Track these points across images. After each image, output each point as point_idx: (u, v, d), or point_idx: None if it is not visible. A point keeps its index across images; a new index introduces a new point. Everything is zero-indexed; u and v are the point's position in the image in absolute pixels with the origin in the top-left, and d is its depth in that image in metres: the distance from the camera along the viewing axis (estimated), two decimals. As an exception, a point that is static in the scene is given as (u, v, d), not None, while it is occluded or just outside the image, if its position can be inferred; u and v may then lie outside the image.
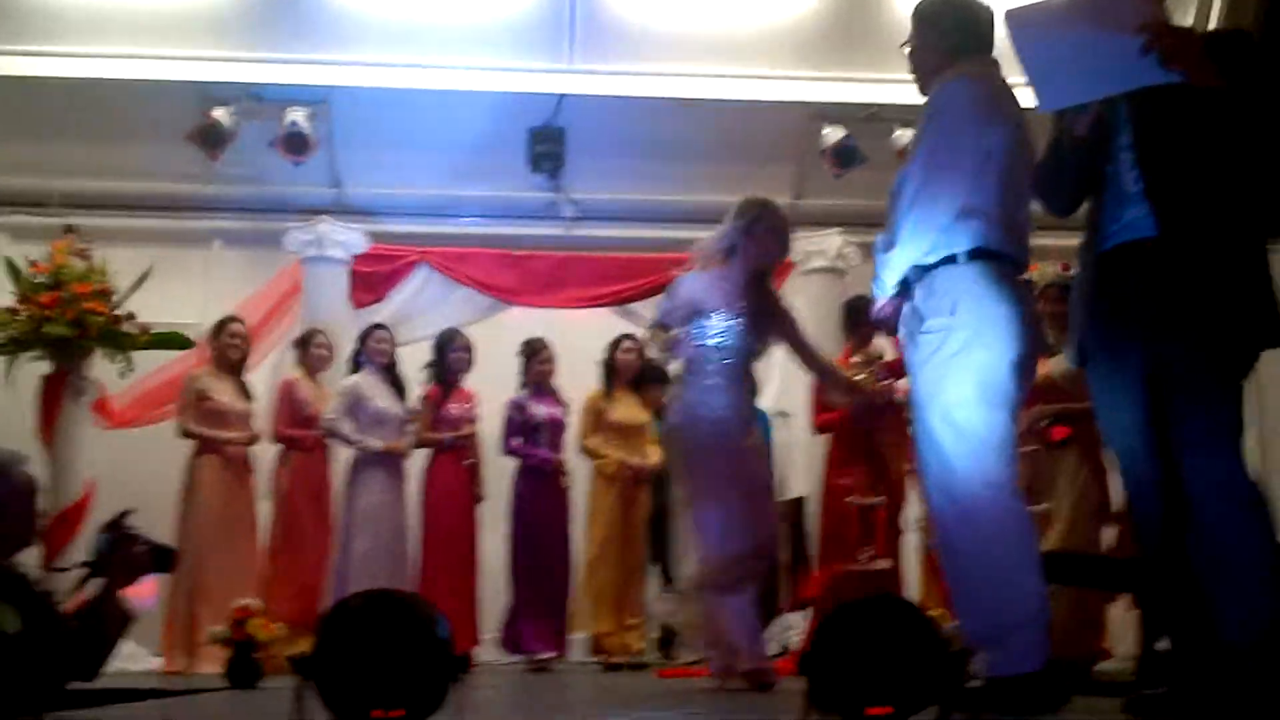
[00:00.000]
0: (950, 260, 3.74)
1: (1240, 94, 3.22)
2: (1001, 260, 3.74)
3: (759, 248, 5.43)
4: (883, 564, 6.93)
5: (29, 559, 3.99)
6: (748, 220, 5.43)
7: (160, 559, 3.89)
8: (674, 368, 5.52)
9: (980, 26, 3.99)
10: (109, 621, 3.71)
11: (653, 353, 5.46)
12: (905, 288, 3.87)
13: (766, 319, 5.48)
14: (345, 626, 2.65)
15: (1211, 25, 7.45)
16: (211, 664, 6.71)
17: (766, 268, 5.56)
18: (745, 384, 5.46)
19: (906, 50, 4.09)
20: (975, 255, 3.72)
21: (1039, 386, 5.86)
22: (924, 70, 4.01)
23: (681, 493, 5.46)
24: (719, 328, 5.31)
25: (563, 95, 9.11)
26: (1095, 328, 3.53)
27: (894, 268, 3.85)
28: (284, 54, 8.97)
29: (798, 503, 8.56)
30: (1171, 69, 3.16)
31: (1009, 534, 3.62)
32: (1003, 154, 3.74)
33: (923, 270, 3.78)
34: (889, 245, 3.83)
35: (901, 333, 3.89)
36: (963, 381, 3.66)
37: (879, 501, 6.99)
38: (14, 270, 7.78)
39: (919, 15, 4.07)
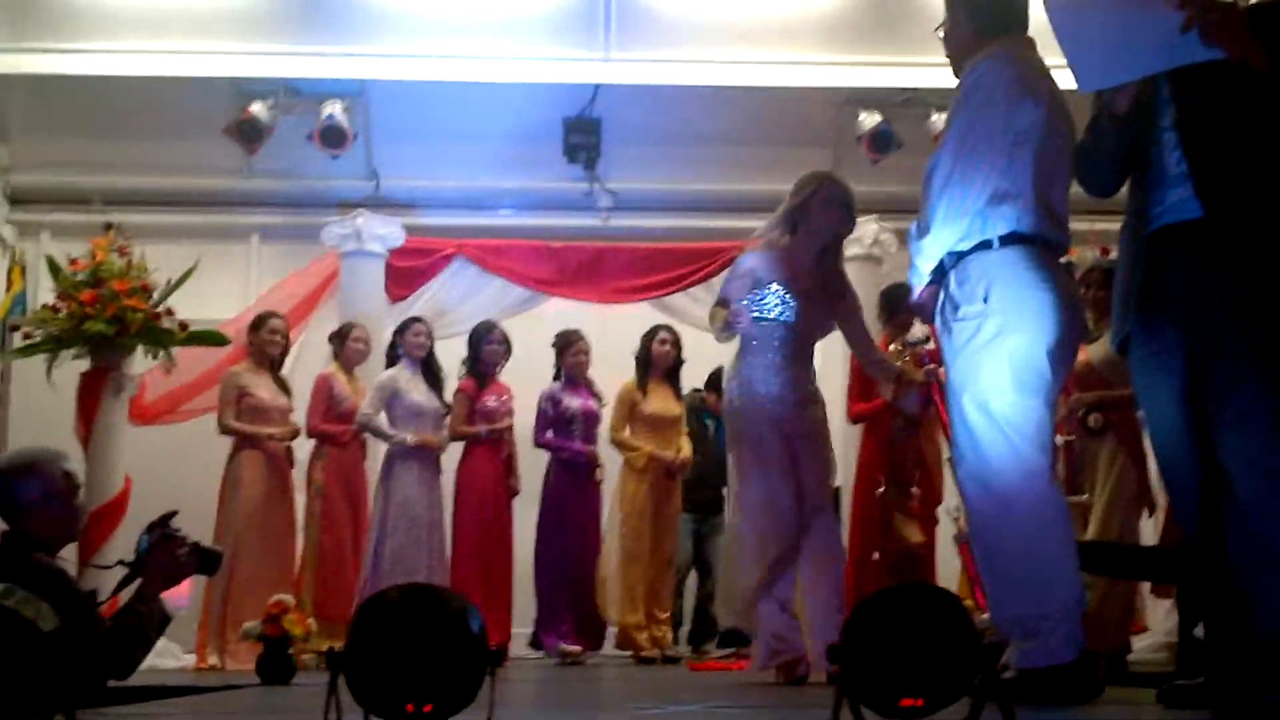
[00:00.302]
0: (985, 246, 3.69)
1: None
2: (1038, 244, 3.69)
3: (820, 220, 5.29)
4: (916, 537, 6.91)
5: (68, 556, 4.02)
6: (806, 195, 5.32)
7: (205, 561, 3.90)
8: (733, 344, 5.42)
9: (1013, 5, 3.93)
10: (146, 621, 3.71)
11: (714, 333, 5.35)
12: (941, 274, 3.82)
13: (829, 299, 5.34)
14: (379, 621, 2.63)
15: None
16: (245, 660, 6.73)
17: (830, 243, 5.37)
18: (804, 363, 5.35)
19: (940, 34, 4.05)
20: (1009, 240, 3.67)
21: (1078, 373, 5.82)
22: (957, 52, 3.96)
23: (735, 471, 5.39)
24: (776, 302, 5.19)
25: (598, 85, 9.10)
26: (1137, 311, 3.47)
27: (928, 255, 3.80)
28: (320, 48, 9.00)
29: (834, 493, 8.51)
30: (1213, 46, 3.10)
31: (1044, 524, 3.57)
32: (1035, 135, 3.68)
33: (957, 256, 3.74)
34: (923, 232, 3.78)
35: (937, 320, 3.85)
36: (997, 369, 3.61)
37: (912, 493, 6.97)
38: (54, 267, 7.83)
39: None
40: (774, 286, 5.20)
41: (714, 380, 8.20)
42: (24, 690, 2.69)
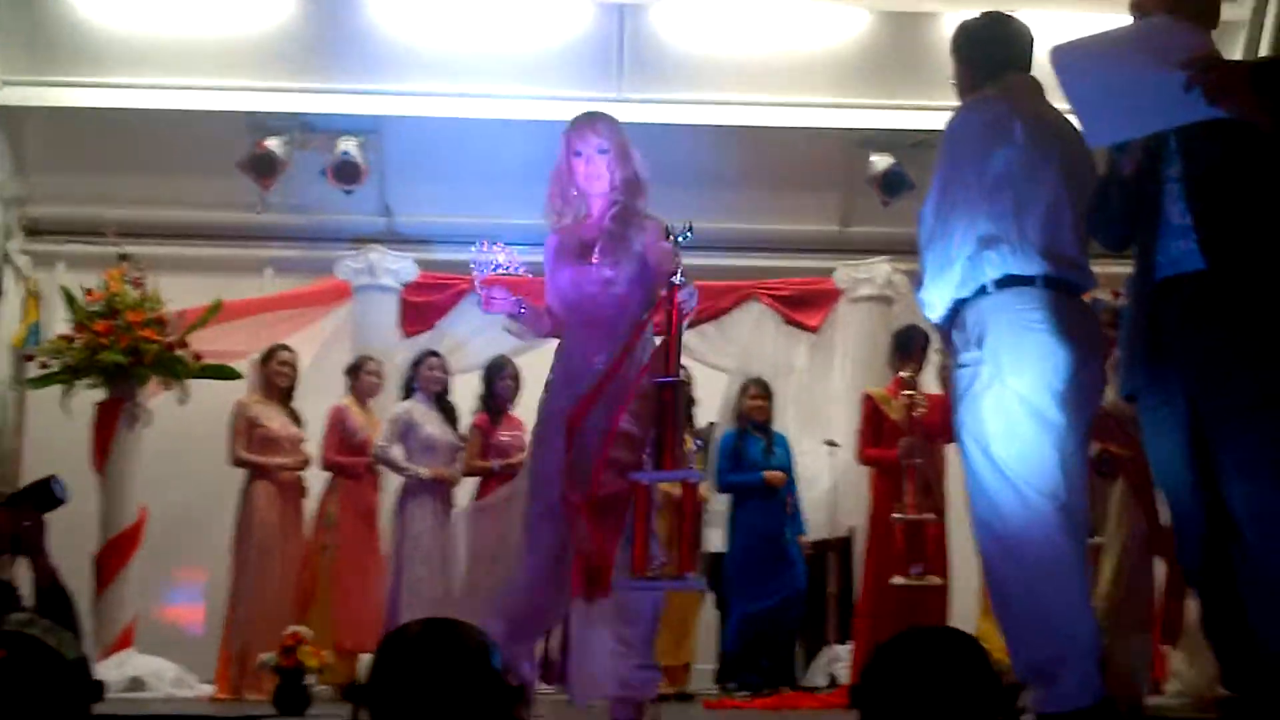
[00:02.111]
0: (981, 291, 3.70)
1: None
2: (1038, 284, 3.67)
3: None
4: (933, 580, 6.90)
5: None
6: None
7: (40, 498, 3.71)
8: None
9: (1007, 47, 3.96)
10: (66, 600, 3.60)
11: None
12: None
13: None
14: (400, 655, 2.64)
15: (1262, 55, 7.38)
16: (262, 691, 6.73)
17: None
18: None
19: (953, 81, 4.09)
20: (1005, 283, 3.67)
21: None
22: (960, 95, 4.02)
23: None
24: None
25: (611, 124, 9.14)
26: (1143, 360, 3.50)
27: (930, 306, 3.83)
28: (335, 84, 9.07)
29: (846, 538, 8.51)
30: (1216, 105, 3.13)
31: (1055, 569, 3.57)
32: (1014, 177, 3.68)
33: (960, 303, 3.76)
34: (919, 285, 3.82)
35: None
36: (996, 414, 3.61)
37: (927, 518, 6.95)
38: (69, 298, 7.89)
39: (951, 42, 4.07)
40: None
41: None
42: (48, 718, 2.71)
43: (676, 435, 4.41)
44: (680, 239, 4.29)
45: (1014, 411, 3.60)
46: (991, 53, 3.95)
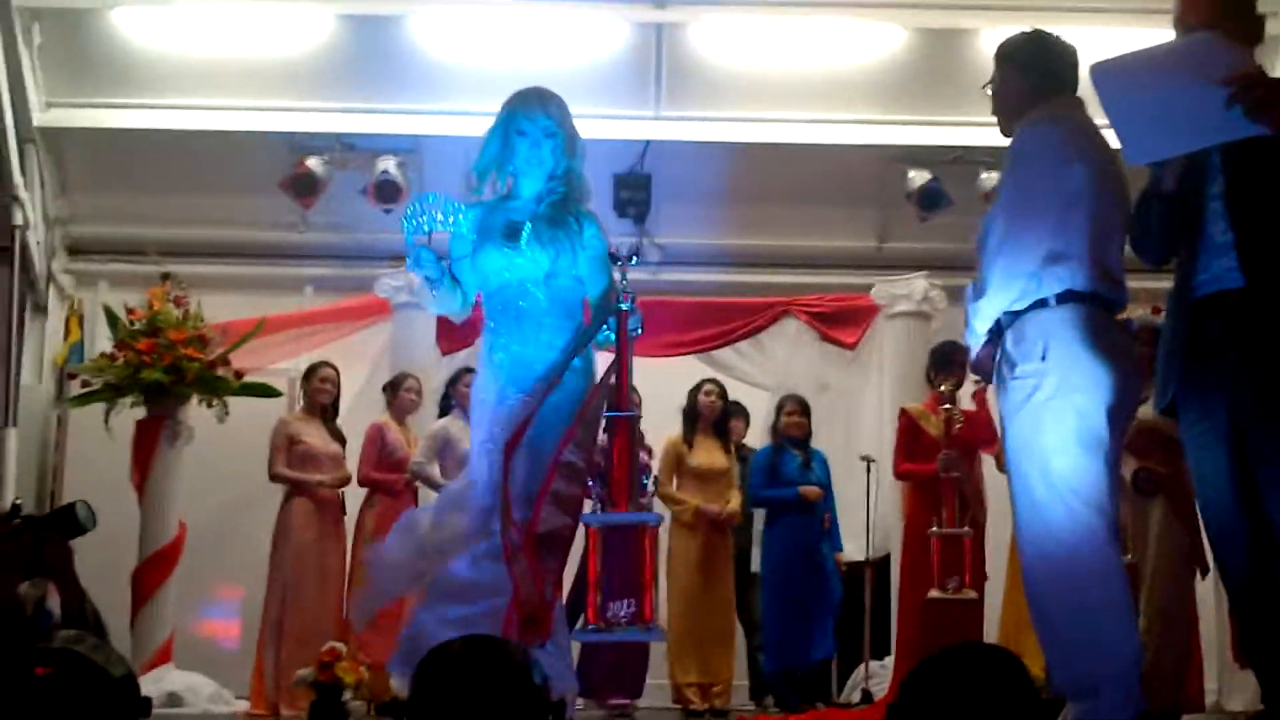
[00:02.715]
0: (1041, 304, 3.69)
1: None
2: (1095, 302, 3.69)
3: None
4: (969, 594, 6.87)
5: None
6: None
7: (65, 524, 3.59)
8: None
9: (1063, 65, 3.94)
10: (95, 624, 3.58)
11: None
12: (997, 333, 3.84)
13: None
14: (442, 671, 2.66)
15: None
16: (297, 707, 6.75)
17: None
18: None
19: (989, 92, 4.08)
20: (1065, 298, 3.66)
21: (1133, 433, 5.82)
22: (1005, 111, 3.98)
23: None
24: None
25: (649, 142, 9.18)
26: (1184, 377, 3.50)
27: (985, 316, 3.81)
28: (375, 104, 9.15)
29: (884, 557, 8.50)
30: (1259, 122, 3.12)
31: (1102, 585, 3.55)
32: (1088, 196, 3.68)
33: (1013, 315, 3.75)
34: (979, 294, 3.79)
35: (994, 380, 3.86)
36: (1056, 428, 3.60)
37: (964, 532, 6.93)
38: (112, 317, 7.96)
39: (1000, 55, 4.04)
40: None
41: None
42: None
43: (632, 474, 4.25)
44: (627, 261, 4.05)
45: (1072, 426, 3.59)
46: (1056, 69, 3.94)
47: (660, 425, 8.10)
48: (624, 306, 4.06)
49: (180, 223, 9.33)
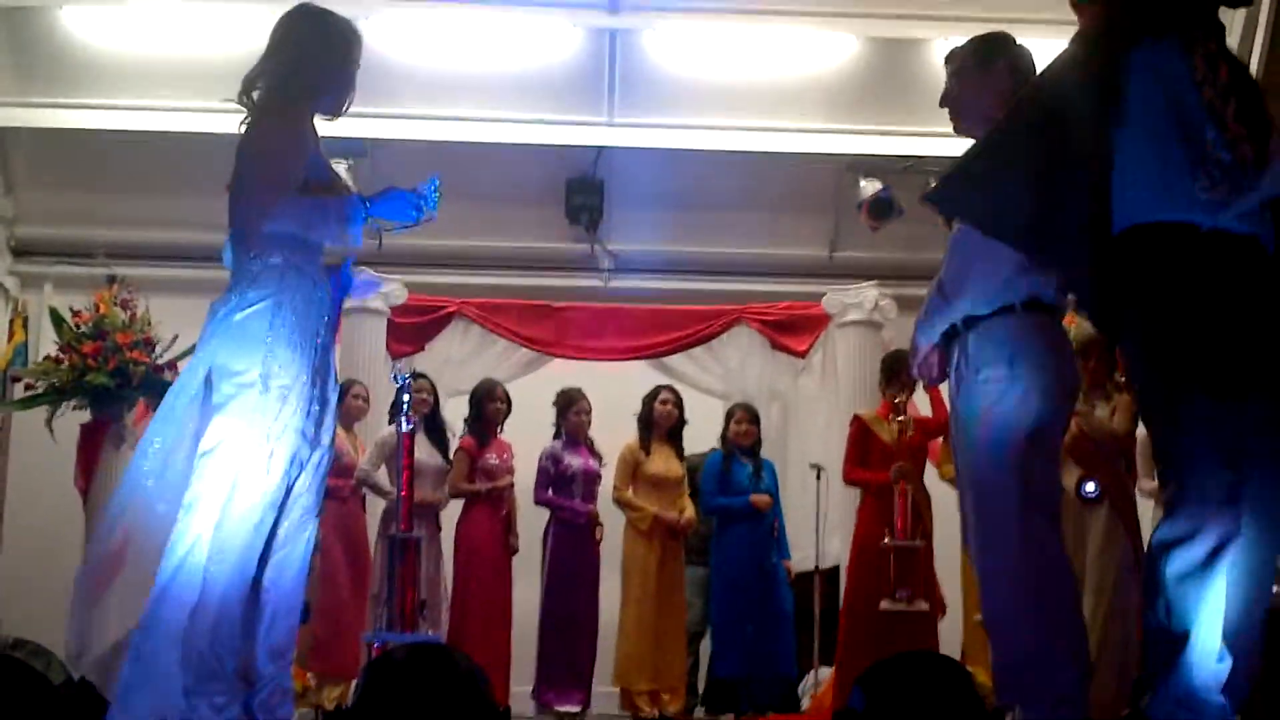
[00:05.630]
0: (1008, 310, 3.73)
1: None
2: (1055, 313, 3.79)
3: None
4: (921, 605, 6.89)
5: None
6: None
7: None
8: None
9: (1031, 73, 3.97)
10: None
11: None
12: (947, 337, 3.86)
13: None
14: (388, 678, 2.64)
15: (1253, 64, 7.35)
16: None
17: None
18: None
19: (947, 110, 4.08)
20: (1030, 305, 3.71)
21: (1073, 441, 5.88)
22: (966, 112, 4.01)
23: None
24: None
25: (602, 148, 9.17)
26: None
27: (948, 317, 3.83)
28: (325, 107, 9.07)
29: (834, 567, 8.52)
30: None
31: (1050, 592, 3.58)
32: None
33: (976, 319, 3.78)
34: (948, 296, 3.80)
35: (950, 380, 3.87)
36: (1018, 433, 3.63)
37: (917, 544, 6.95)
38: (58, 319, 7.85)
39: (985, 53, 4.03)
40: None
41: None
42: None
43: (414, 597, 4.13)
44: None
45: (1035, 431, 3.64)
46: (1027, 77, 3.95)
47: (614, 430, 8.12)
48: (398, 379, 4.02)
49: (128, 224, 9.24)
